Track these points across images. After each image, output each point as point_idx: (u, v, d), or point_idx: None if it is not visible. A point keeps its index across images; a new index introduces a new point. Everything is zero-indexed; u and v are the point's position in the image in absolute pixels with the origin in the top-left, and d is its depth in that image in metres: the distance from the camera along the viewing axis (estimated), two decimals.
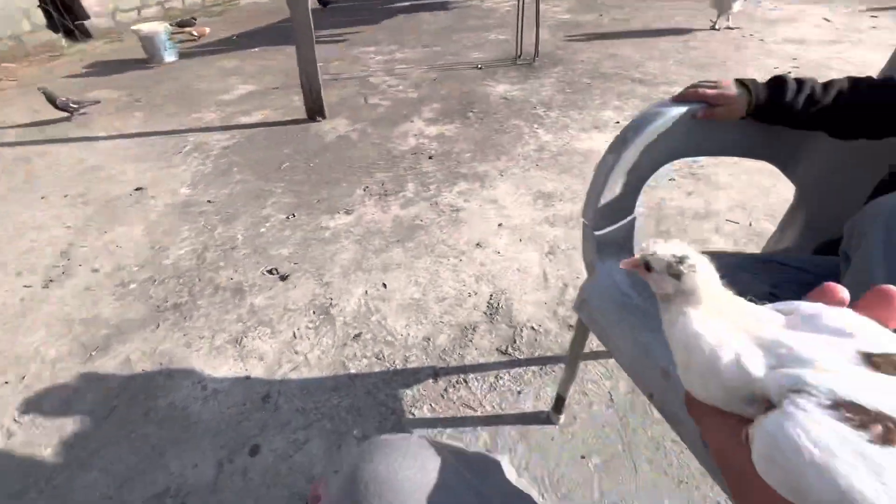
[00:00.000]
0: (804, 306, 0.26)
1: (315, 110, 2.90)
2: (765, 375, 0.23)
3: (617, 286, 0.81)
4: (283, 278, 1.68)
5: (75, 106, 3.05)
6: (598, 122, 2.65)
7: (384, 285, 1.62)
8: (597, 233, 0.84)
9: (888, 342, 0.23)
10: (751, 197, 1.95)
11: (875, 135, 0.75)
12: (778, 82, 0.76)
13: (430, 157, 2.43)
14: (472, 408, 1.22)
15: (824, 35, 3.90)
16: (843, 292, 0.28)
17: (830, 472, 0.19)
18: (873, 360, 0.22)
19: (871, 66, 2.49)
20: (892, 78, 0.77)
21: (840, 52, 3.48)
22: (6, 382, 1.36)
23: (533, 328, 1.43)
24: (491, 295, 1.56)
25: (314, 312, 1.53)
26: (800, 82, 0.75)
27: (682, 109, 0.77)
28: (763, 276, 0.71)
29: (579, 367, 1.13)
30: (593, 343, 1.21)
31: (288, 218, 2.02)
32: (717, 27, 4.17)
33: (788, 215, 0.97)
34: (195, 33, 4.95)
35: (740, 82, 0.77)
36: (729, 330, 0.25)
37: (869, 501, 0.18)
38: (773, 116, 0.77)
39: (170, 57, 4.23)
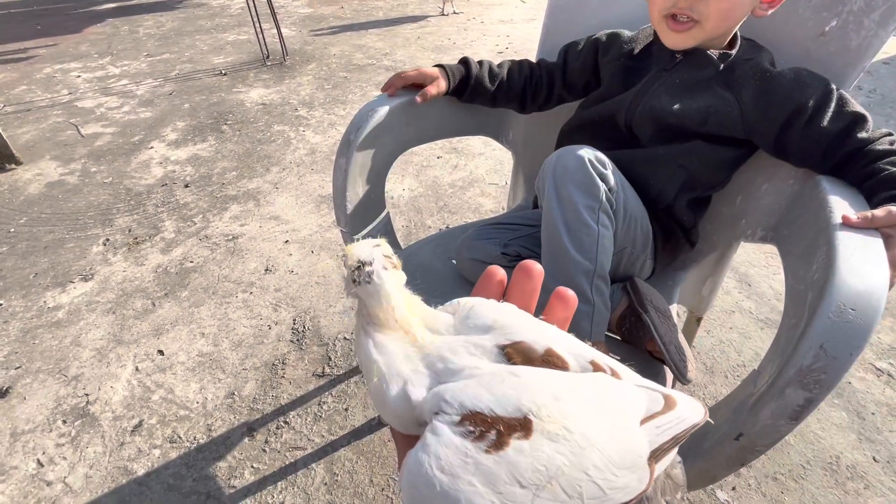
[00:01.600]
0: (463, 303, 0.27)
1: None
2: (423, 400, 0.23)
3: None
4: (3, 393, 1.24)
5: None
6: None
7: (160, 352, 1.34)
8: (356, 237, 0.82)
9: (518, 329, 0.25)
10: (501, 160, 2.27)
11: (541, 107, 0.93)
12: (463, 62, 0.87)
13: (185, 186, 2.09)
14: (302, 447, 1.12)
15: (525, 14, 4.75)
16: (500, 273, 0.30)
17: (455, 496, 0.19)
18: (506, 352, 0.24)
19: None
20: (543, 60, 0.95)
21: (538, 28, 4.30)
22: None
23: (345, 338, 1.39)
24: (294, 319, 1.45)
25: (64, 422, 1.17)
26: (480, 63, 0.87)
27: (395, 102, 0.80)
28: (496, 240, 0.81)
29: None
30: None
31: None
32: (444, 13, 4.66)
33: (513, 176, 1.14)
34: None
35: (439, 65, 0.86)
36: (403, 353, 0.25)
37: None
38: (469, 93, 0.88)
39: None
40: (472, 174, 2.16)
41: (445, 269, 0.87)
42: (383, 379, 0.24)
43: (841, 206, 0.59)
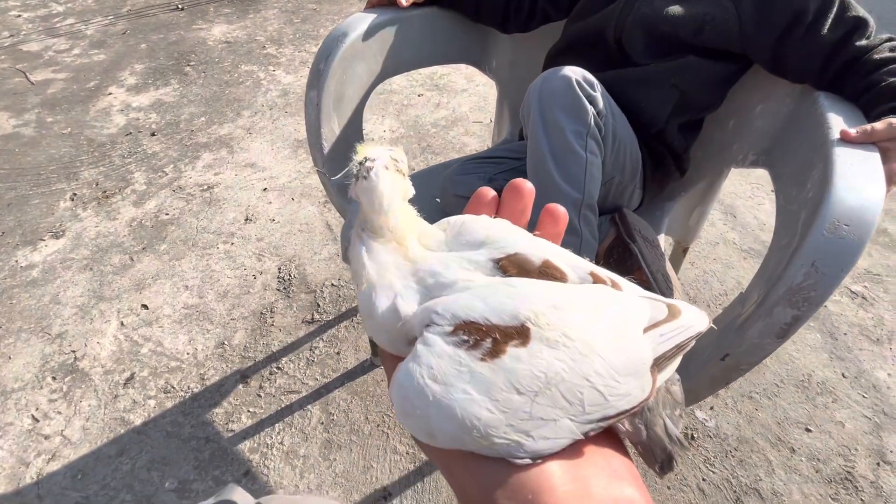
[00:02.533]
0: (453, 221, 0.26)
1: None
2: (412, 314, 0.22)
3: None
4: None
5: None
6: None
7: (144, 307, 1.32)
8: (334, 178, 0.78)
9: (514, 242, 0.23)
10: (485, 96, 2.17)
11: (525, 26, 0.85)
12: None
13: (152, 134, 1.96)
14: (296, 391, 1.14)
15: None
16: (490, 193, 0.29)
17: (449, 405, 0.18)
18: (501, 265, 0.23)
19: None
20: None
21: None
22: None
23: (333, 285, 1.38)
24: (279, 268, 1.43)
25: (54, 378, 1.17)
26: None
27: (366, 26, 0.73)
28: (480, 174, 0.77)
29: None
30: None
31: None
32: None
33: (498, 109, 1.08)
34: None
35: None
36: (395, 265, 0.23)
37: (484, 422, 0.18)
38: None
39: None
40: (456, 112, 2.07)
41: (430, 208, 0.84)
42: (372, 287, 0.23)
43: (838, 122, 0.56)
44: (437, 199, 0.86)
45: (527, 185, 0.28)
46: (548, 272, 0.23)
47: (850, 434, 1.07)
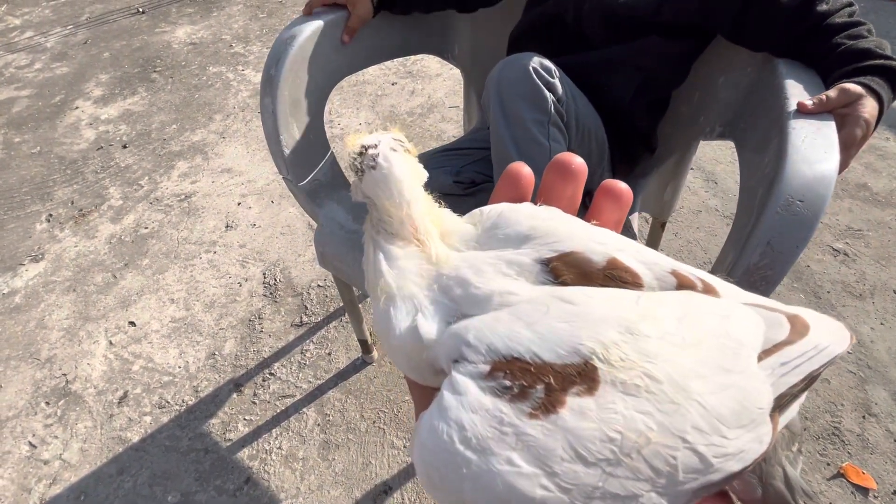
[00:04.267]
0: (487, 212, 0.21)
1: None
2: (437, 339, 0.17)
3: (342, 227, 0.78)
4: None
5: None
6: None
7: (131, 324, 1.32)
8: (301, 184, 0.77)
9: (567, 235, 0.18)
10: (459, 80, 2.13)
11: (489, 3, 0.83)
12: None
13: (123, 147, 1.93)
14: (290, 395, 1.15)
15: None
16: (526, 171, 0.23)
17: (488, 480, 0.14)
18: (552, 268, 0.18)
19: None
20: None
21: None
22: None
23: (319, 286, 1.38)
24: (264, 273, 1.42)
25: (47, 403, 1.17)
26: None
27: (315, 26, 0.71)
28: (447, 168, 0.76)
29: (359, 305, 1.14)
30: None
31: None
32: None
33: (465, 97, 1.06)
34: None
35: None
36: (418, 273, 0.19)
37: (538, 503, 0.14)
38: (402, 2, 0.77)
39: None
40: (431, 98, 2.04)
41: None
42: (391, 301, 0.18)
43: (796, 91, 0.55)
44: None
45: (576, 161, 0.21)
46: (616, 275, 0.17)
47: (835, 390, 1.10)
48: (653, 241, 1.09)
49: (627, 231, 0.70)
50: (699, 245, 1.44)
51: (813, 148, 0.46)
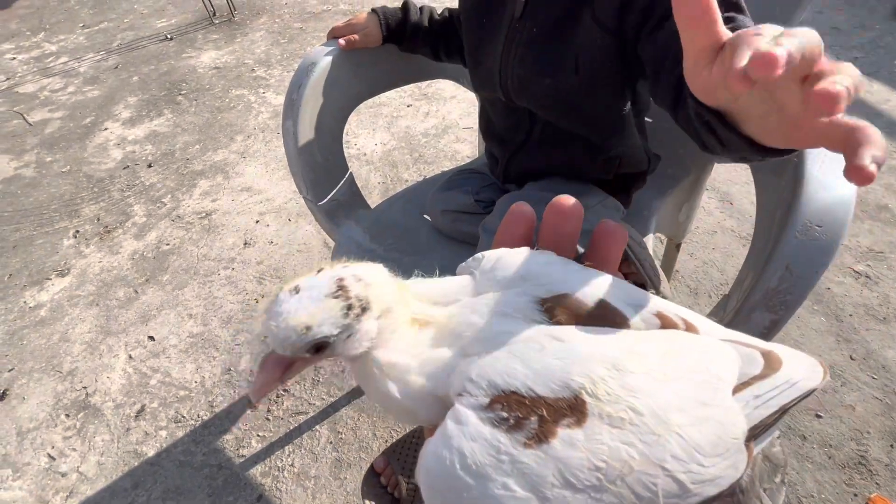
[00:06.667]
0: (487, 256, 0.22)
1: None
2: (449, 378, 0.19)
3: (359, 246, 0.80)
4: (1, 396, 1.24)
5: None
6: None
7: (150, 338, 1.34)
8: (320, 203, 0.79)
9: (561, 278, 0.20)
10: (475, 101, 2.17)
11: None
12: (404, 6, 0.79)
13: (149, 166, 2.00)
14: (304, 412, 1.16)
15: None
16: (527, 210, 0.24)
17: (486, 503, 0.15)
18: (547, 308, 0.19)
19: None
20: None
21: None
22: None
23: None
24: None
25: (67, 415, 1.19)
26: (420, 8, 0.79)
27: (336, 52, 0.74)
28: (467, 188, 0.78)
29: None
30: None
31: None
32: None
33: (480, 118, 1.08)
34: None
35: (372, 10, 0.78)
36: (418, 352, 0.20)
37: None
38: (408, 43, 0.80)
39: None
40: (446, 120, 2.08)
41: (418, 226, 0.85)
42: (407, 412, 0.20)
43: None
44: (426, 216, 0.87)
45: (570, 203, 0.23)
46: (604, 316, 0.19)
47: (861, 417, 1.06)
48: (668, 262, 1.08)
49: (641, 247, 0.69)
50: (715, 266, 1.43)
51: (830, 171, 0.46)
